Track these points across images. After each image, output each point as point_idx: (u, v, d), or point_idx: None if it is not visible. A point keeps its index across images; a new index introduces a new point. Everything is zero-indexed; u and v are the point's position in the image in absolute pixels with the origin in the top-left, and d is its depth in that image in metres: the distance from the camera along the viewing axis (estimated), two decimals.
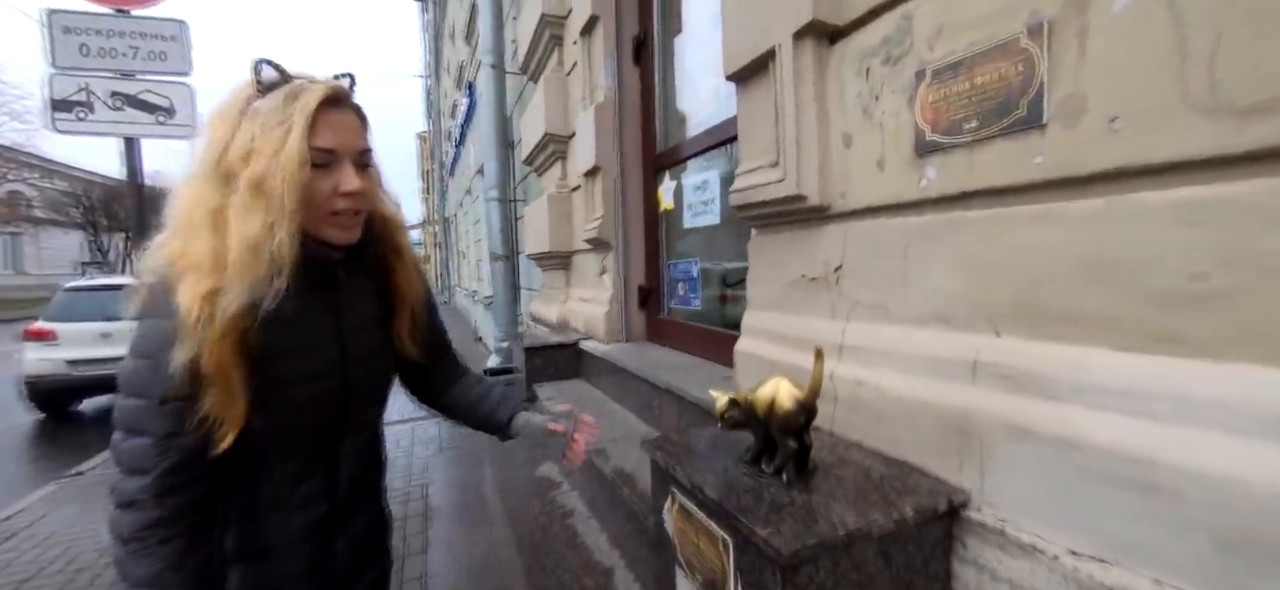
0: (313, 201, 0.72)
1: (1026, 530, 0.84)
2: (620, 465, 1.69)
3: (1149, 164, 0.72)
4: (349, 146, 0.75)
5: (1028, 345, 0.87)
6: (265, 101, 0.71)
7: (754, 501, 0.91)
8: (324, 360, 0.81)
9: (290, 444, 0.81)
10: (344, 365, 0.83)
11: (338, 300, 0.83)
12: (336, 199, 0.74)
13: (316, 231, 0.75)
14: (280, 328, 0.73)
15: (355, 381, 0.85)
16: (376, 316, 0.90)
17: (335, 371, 0.82)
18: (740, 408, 1.03)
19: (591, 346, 2.84)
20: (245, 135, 0.70)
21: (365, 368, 0.87)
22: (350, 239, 0.79)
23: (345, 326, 0.84)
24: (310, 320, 0.79)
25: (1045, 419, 0.82)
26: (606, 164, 2.75)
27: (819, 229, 1.31)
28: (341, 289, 0.83)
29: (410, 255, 0.93)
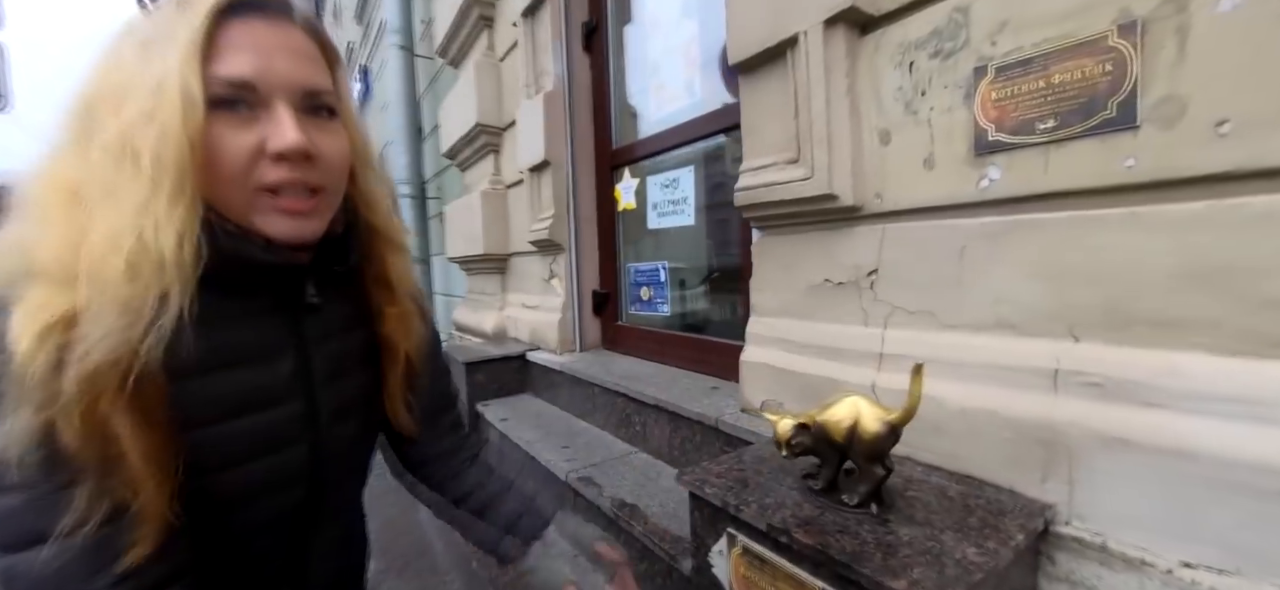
0: (224, 169, 0.48)
1: (1130, 543, 0.82)
2: (617, 495, 1.52)
3: (1262, 168, 0.71)
4: (283, 78, 0.49)
5: (1115, 351, 0.85)
6: (151, 16, 0.47)
7: (857, 543, 0.80)
8: (283, 421, 0.57)
9: (236, 548, 0.57)
10: (314, 426, 0.60)
11: (303, 331, 0.59)
12: (265, 166, 0.49)
13: (245, 220, 0.50)
14: (208, 372, 0.50)
15: (332, 449, 0.62)
16: (361, 351, 0.66)
17: (302, 436, 0.59)
18: (810, 432, 0.92)
19: (542, 358, 2.61)
20: (116, 68, 0.46)
21: (346, 427, 0.63)
22: (303, 233, 0.53)
23: (316, 369, 0.59)
24: (258, 360, 0.55)
25: (1145, 427, 0.80)
26: (557, 158, 2.53)
27: (848, 230, 1.24)
28: (309, 312, 0.59)
29: (407, 286, 0.68)
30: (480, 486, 0.81)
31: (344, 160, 0.56)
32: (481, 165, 3.47)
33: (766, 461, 1.12)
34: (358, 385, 0.65)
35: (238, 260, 0.50)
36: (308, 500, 0.60)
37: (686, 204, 2.10)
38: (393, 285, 0.65)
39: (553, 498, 0.87)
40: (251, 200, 0.50)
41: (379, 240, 0.63)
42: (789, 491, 0.98)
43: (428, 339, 0.73)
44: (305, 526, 0.62)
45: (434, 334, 0.79)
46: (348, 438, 0.64)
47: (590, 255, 2.64)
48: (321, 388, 0.60)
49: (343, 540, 0.73)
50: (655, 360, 2.25)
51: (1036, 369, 0.92)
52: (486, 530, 0.79)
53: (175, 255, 0.44)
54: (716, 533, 1.01)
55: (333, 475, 0.63)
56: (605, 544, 0.83)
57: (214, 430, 0.51)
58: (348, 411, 0.63)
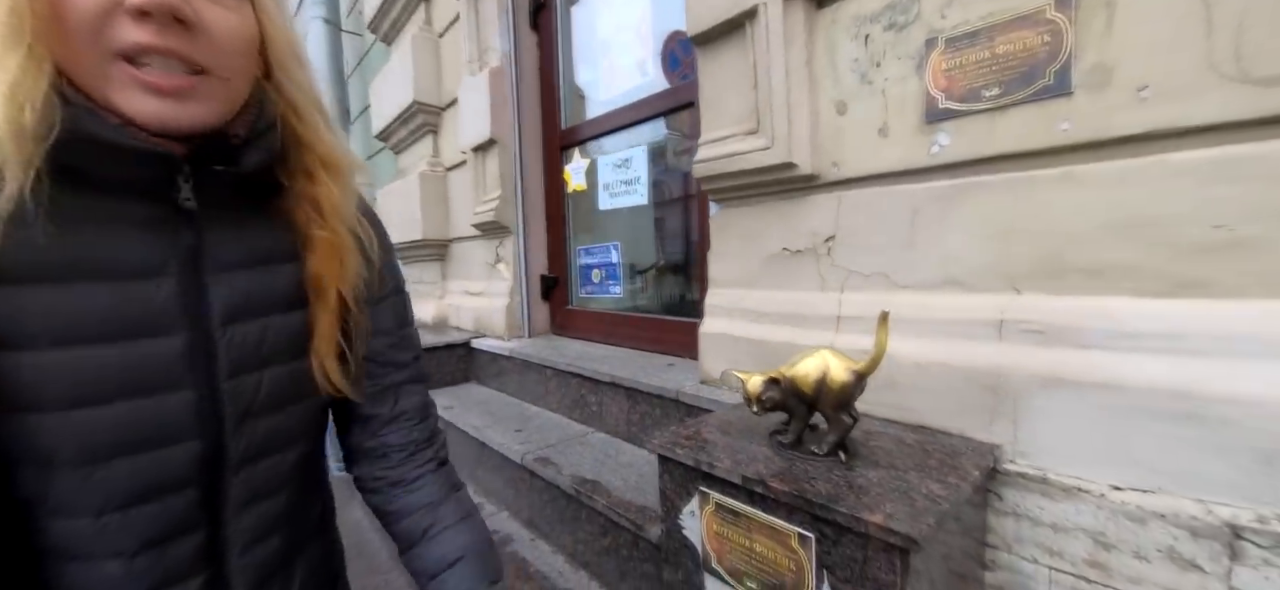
0: (70, 20, 0.39)
1: (1067, 474, 0.89)
2: (577, 472, 1.48)
3: (1177, 128, 0.80)
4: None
5: (1052, 300, 0.93)
6: None
7: (831, 487, 0.82)
8: (157, 356, 0.46)
9: (103, 534, 0.46)
10: (208, 371, 0.49)
11: (197, 254, 0.49)
12: (122, 23, 0.40)
13: (100, 94, 0.42)
14: (54, 281, 0.42)
15: (241, 405, 0.51)
16: (290, 293, 0.55)
17: (185, 379, 0.47)
18: (781, 387, 0.94)
19: (488, 345, 2.51)
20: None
21: (262, 380, 0.52)
22: (174, 119, 0.43)
23: (213, 301, 0.49)
24: (124, 276, 0.45)
25: (1079, 367, 0.88)
26: (503, 138, 2.44)
27: (805, 199, 1.28)
28: (207, 231, 0.49)
29: (344, 215, 0.56)
30: (430, 506, 0.65)
31: (242, 41, 0.46)
32: (418, 147, 3.30)
33: (733, 425, 1.13)
34: (284, 332, 0.54)
35: (82, 139, 0.40)
36: (207, 468, 0.50)
37: (639, 183, 2.09)
38: (324, 210, 0.54)
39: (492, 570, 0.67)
40: (108, 69, 0.41)
41: (308, 155, 0.53)
42: (758, 448, 0.99)
43: (375, 283, 0.61)
44: (210, 503, 0.51)
45: (392, 283, 0.66)
46: (266, 393, 0.52)
47: (538, 238, 2.58)
48: (221, 326, 0.49)
49: (282, 531, 0.58)
50: (608, 342, 2.23)
51: (983, 321, 0.99)
52: (415, 560, 0.65)
53: (10, 120, 0.36)
54: (688, 494, 1.01)
55: (246, 439, 0.51)
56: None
57: (54, 354, 0.42)
58: (265, 360, 0.52)
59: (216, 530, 0.52)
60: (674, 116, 1.96)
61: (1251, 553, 0.73)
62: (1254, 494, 0.74)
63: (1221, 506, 0.76)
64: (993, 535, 0.97)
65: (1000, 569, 0.97)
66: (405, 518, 0.65)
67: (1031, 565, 0.93)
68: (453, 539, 0.64)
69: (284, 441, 0.56)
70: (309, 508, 0.64)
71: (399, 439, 0.65)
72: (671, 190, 2.03)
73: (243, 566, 0.54)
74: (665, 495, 1.06)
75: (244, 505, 0.53)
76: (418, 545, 0.64)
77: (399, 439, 0.65)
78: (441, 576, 0.63)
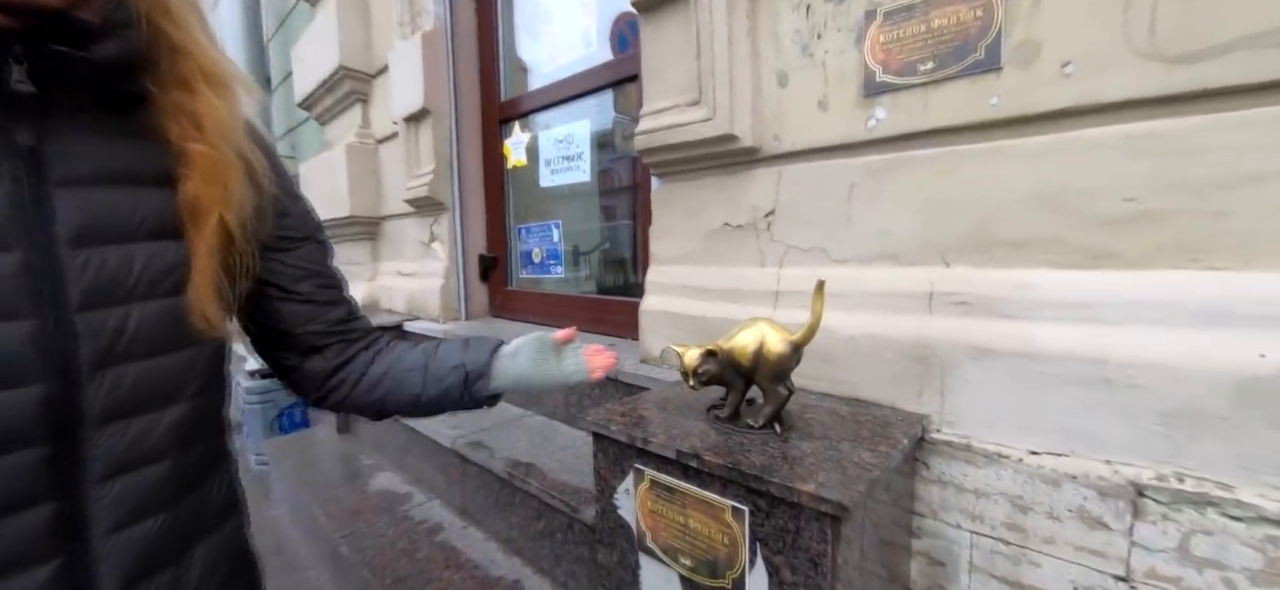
0: None
1: (989, 440, 0.91)
2: (511, 456, 1.41)
3: (1096, 103, 0.82)
4: None
5: (979, 272, 0.95)
6: None
7: (766, 458, 0.80)
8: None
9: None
10: (54, 298, 0.42)
11: (38, 160, 0.42)
12: None
13: None
14: None
15: (101, 344, 0.44)
16: (160, 217, 0.48)
17: (22, 304, 0.41)
18: (717, 360, 0.91)
19: (422, 328, 2.38)
20: None
21: (127, 315, 0.45)
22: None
23: (59, 216, 0.42)
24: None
25: (1002, 336, 0.90)
26: (438, 108, 2.30)
27: (747, 173, 1.26)
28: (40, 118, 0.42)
29: (227, 133, 0.50)
30: (415, 352, 0.70)
31: None
32: (346, 117, 3.08)
33: (669, 401, 1.10)
34: (155, 264, 0.47)
35: None
36: (55, 421, 0.42)
37: (582, 159, 2.02)
38: (204, 126, 0.48)
39: None
40: None
41: (183, 63, 0.47)
42: (694, 423, 0.96)
43: (266, 214, 0.55)
44: (63, 467, 0.43)
45: (312, 224, 0.63)
46: (133, 335, 0.46)
47: (476, 216, 2.46)
48: (70, 246, 0.43)
49: (167, 512, 0.51)
50: (548, 323, 2.16)
51: (914, 294, 1.00)
52: (447, 379, 0.68)
53: None
54: (622, 471, 0.97)
55: (107, 388, 0.45)
56: (559, 332, 0.79)
57: None
58: (130, 293, 0.46)
59: (73, 503, 0.44)
60: (619, 92, 1.90)
61: (1152, 509, 0.77)
62: (1155, 453, 0.78)
63: (1126, 466, 0.80)
64: (920, 503, 0.99)
65: (926, 535, 0.99)
66: (405, 357, 0.69)
67: (955, 530, 0.95)
68: (445, 346, 0.71)
69: (160, 397, 0.49)
70: (205, 488, 0.57)
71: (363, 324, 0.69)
72: (614, 167, 1.98)
73: (112, 549, 0.46)
74: (599, 474, 1.02)
75: (109, 474, 0.46)
76: (429, 366, 0.69)
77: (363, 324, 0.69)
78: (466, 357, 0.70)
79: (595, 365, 0.78)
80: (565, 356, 0.77)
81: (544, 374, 0.74)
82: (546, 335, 0.76)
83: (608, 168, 2.01)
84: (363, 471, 1.93)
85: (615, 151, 1.96)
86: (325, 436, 2.37)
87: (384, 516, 1.59)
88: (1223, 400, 0.73)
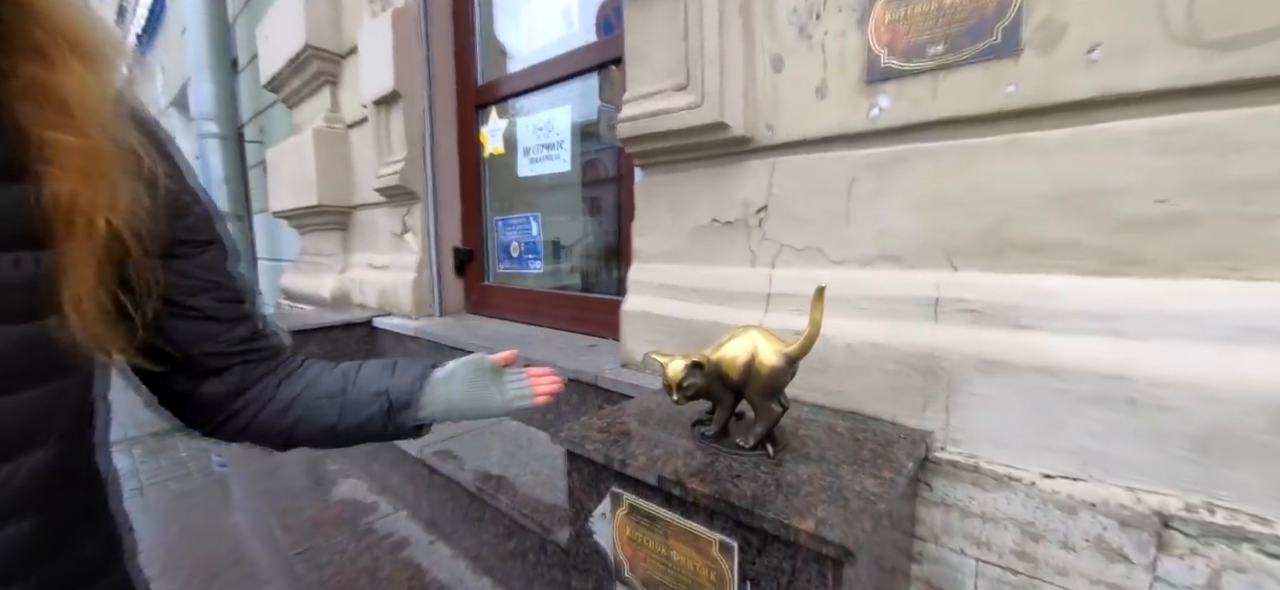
0: None
1: (999, 461, 0.84)
2: (481, 467, 1.31)
3: (1125, 93, 0.74)
4: None
5: (990, 277, 0.87)
6: None
7: (757, 486, 0.71)
8: None
9: None
10: None
11: None
12: None
13: None
14: None
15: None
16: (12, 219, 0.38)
17: None
18: (704, 372, 0.82)
19: (393, 324, 2.26)
20: None
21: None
22: None
23: None
24: None
25: (1016, 348, 0.82)
26: (410, 91, 2.17)
27: (737, 165, 1.17)
28: None
29: (102, 116, 0.40)
30: (333, 375, 0.61)
31: None
32: (315, 100, 2.91)
33: (652, 413, 1.01)
34: (7, 280, 0.38)
35: None
36: None
37: (562, 148, 1.91)
38: (72, 108, 0.38)
39: None
40: None
41: (36, 27, 0.37)
42: (678, 441, 0.87)
43: (160, 218, 0.45)
44: None
45: (199, 207, 0.51)
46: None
47: (451, 206, 2.33)
48: None
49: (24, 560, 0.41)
50: (527, 321, 2.05)
51: (918, 299, 0.92)
52: (369, 406, 0.60)
53: None
54: (599, 494, 0.87)
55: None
56: (498, 354, 0.69)
57: None
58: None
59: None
60: (604, 79, 1.79)
61: (1178, 542, 0.70)
62: (1184, 481, 0.71)
63: (1151, 494, 0.73)
64: (921, 526, 0.91)
65: (927, 561, 0.91)
66: (319, 382, 0.59)
67: (959, 557, 0.88)
68: (368, 368, 0.62)
69: (17, 442, 0.39)
70: (81, 538, 0.47)
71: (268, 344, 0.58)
72: (598, 158, 1.87)
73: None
74: (574, 495, 0.92)
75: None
76: (347, 391, 0.60)
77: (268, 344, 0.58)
78: (392, 382, 0.61)
79: (541, 390, 0.69)
80: (506, 381, 0.67)
81: (481, 401, 0.65)
82: (484, 358, 0.67)
83: (590, 158, 1.90)
84: (326, 478, 1.81)
85: (598, 141, 1.85)
86: None
87: (345, 530, 1.48)
88: (1261, 423, 0.66)
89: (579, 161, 1.90)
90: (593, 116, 1.85)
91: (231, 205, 3.86)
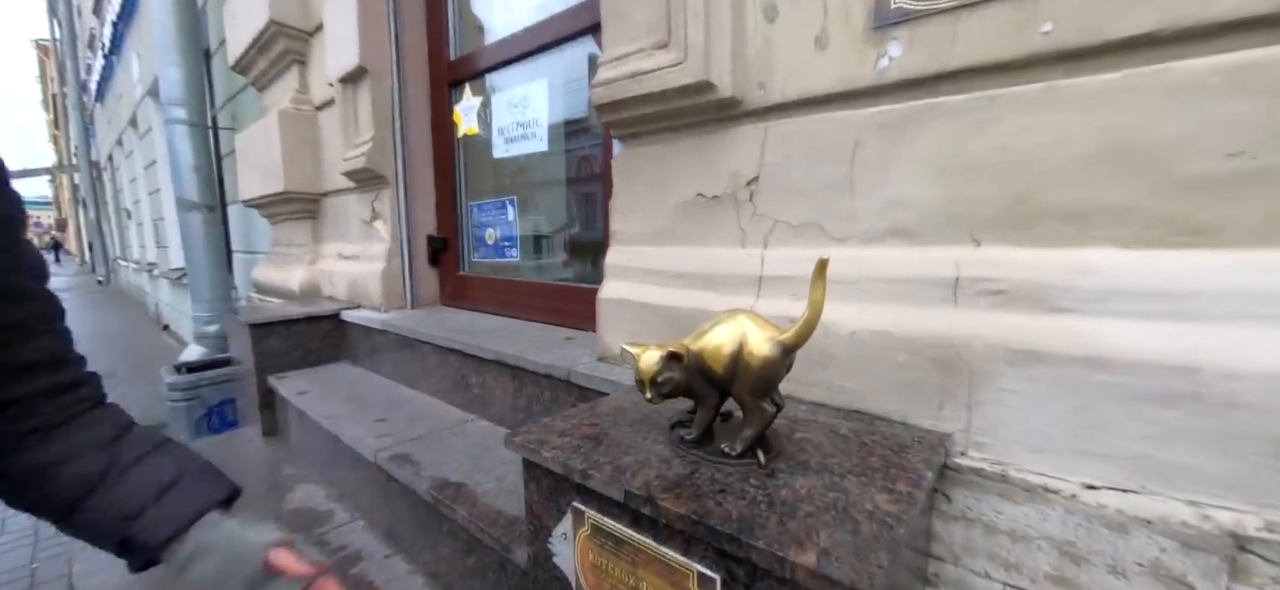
0: None
1: (1031, 469, 0.71)
2: (440, 474, 1.18)
3: (1191, 26, 0.61)
4: None
5: (1020, 253, 0.73)
6: None
7: (745, 505, 0.58)
8: None
9: None
10: None
11: None
12: None
13: None
14: None
15: None
16: None
17: None
18: (683, 365, 0.69)
19: (361, 317, 2.11)
20: None
21: None
22: None
23: None
24: None
25: (1052, 335, 0.69)
26: (377, 67, 2.02)
27: (725, 131, 1.03)
28: None
29: None
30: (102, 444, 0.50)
31: None
32: (283, 81, 2.75)
33: (626, 413, 0.87)
34: None
35: None
36: None
37: (538, 126, 1.76)
38: None
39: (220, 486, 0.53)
40: None
41: None
42: (653, 446, 0.74)
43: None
44: None
45: None
46: None
47: (424, 192, 2.18)
48: None
49: None
50: (504, 313, 1.91)
51: (934, 280, 0.79)
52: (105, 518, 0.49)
53: None
54: (558, 509, 0.74)
55: None
56: (286, 552, 0.53)
57: None
58: None
59: None
60: (577, 44, 1.64)
61: (1258, 568, 0.58)
62: (1262, 494, 0.58)
63: (1222, 511, 0.60)
64: (938, 544, 0.78)
65: (944, 584, 0.79)
66: (68, 464, 0.48)
67: (982, 581, 0.75)
68: (154, 466, 0.51)
69: None
70: None
71: (28, 390, 0.47)
72: (577, 136, 1.73)
73: None
74: (532, 510, 0.79)
75: None
76: (97, 491, 0.48)
77: (28, 390, 0.47)
78: (149, 512, 0.49)
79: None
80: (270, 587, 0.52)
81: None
82: (254, 548, 0.52)
83: (570, 137, 1.75)
84: (283, 483, 1.67)
85: (578, 119, 1.71)
86: (250, 439, 2.10)
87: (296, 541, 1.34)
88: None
89: (559, 141, 1.75)
90: (571, 90, 1.71)
91: (202, 195, 3.68)
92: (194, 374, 2.69)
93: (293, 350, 2.13)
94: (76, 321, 0.53)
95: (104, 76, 9.38)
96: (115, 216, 11.60)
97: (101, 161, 11.90)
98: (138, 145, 7.45)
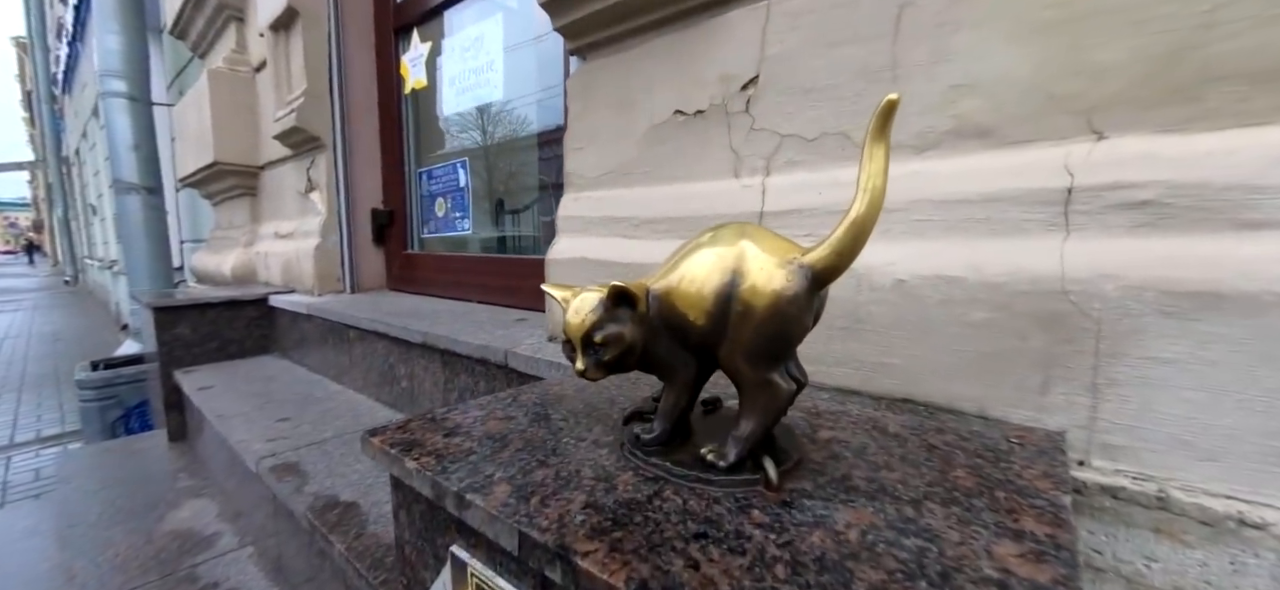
0: None
1: (1208, 489, 0.43)
2: (329, 490, 0.88)
3: None
4: None
5: (1174, 142, 0.46)
6: None
7: (749, 571, 0.29)
8: None
9: None
10: None
11: None
12: None
13: None
14: None
15: None
16: None
17: None
18: (637, 314, 0.41)
19: (290, 302, 1.80)
20: None
21: None
22: None
23: None
24: None
25: (1233, 271, 0.42)
26: (311, 8, 1.72)
27: (712, 21, 0.75)
28: None
29: None
30: None
31: None
32: (222, 43, 2.45)
33: (563, 401, 0.59)
34: None
35: None
36: None
37: (493, 70, 1.48)
38: None
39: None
40: None
41: None
42: (592, 452, 0.46)
43: None
44: None
45: None
46: None
47: (367, 158, 1.89)
48: None
49: None
50: (453, 295, 1.62)
51: (1031, 195, 0.51)
52: None
53: None
54: (436, 555, 0.45)
55: None
56: None
57: None
58: None
59: None
60: None
61: None
62: None
63: None
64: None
65: None
66: None
67: None
68: None
69: None
70: None
71: None
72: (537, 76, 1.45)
73: None
74: (403, 555, 0.50)
75: None
76: None
77: None
78: None
79: None
80: None
81: None
82: None
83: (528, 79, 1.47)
84: (170, 497, 1.35)
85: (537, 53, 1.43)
86: (154, 444, 1.78)
87: (161, 577, 1.03)
88: None
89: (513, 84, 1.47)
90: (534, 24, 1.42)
91: (141, 176, 3.34)
92: (111, 372, 2.37)
93: (206, 340, 1.82)
94: (37, 323, 0.23)
95: (70, 66, 9.00)
96: (83, 213, 11.13)
97: (70, 156, 11.45)
98: (100, 136, 7.06)
